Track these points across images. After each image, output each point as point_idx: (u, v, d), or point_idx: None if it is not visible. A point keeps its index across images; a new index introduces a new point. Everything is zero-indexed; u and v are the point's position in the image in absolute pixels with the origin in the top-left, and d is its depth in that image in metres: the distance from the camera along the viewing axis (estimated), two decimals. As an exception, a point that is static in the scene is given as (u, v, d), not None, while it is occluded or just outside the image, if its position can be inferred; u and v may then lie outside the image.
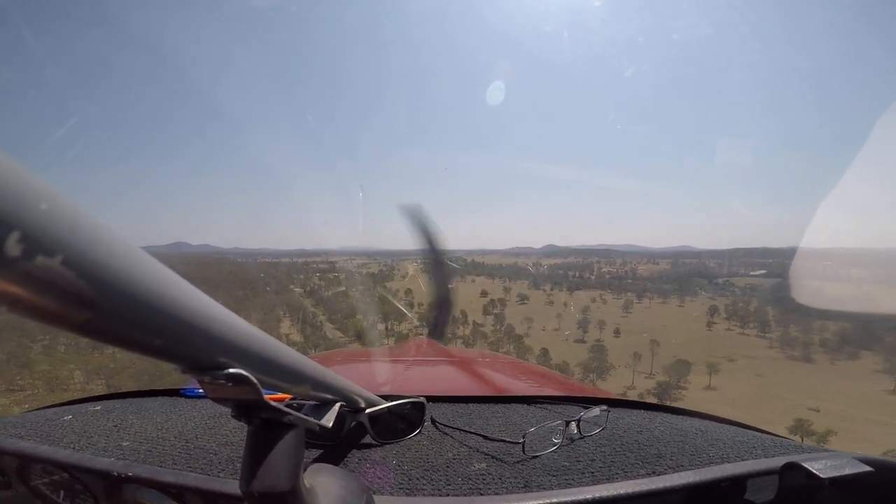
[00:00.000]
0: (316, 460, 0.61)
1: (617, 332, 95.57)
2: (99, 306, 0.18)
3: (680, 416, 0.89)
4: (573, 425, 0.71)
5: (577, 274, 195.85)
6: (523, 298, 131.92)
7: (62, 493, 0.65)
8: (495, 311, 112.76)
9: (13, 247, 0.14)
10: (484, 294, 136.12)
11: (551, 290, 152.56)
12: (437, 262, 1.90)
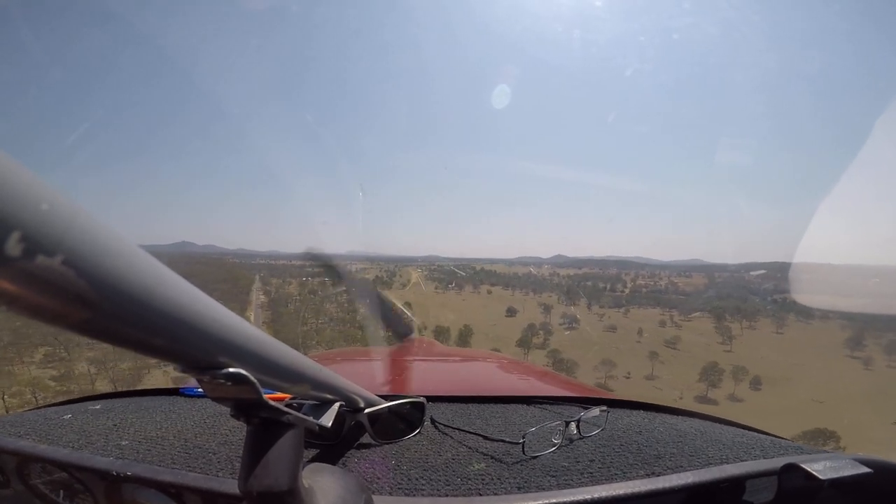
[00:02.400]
0: (315, 460, 0.59)
1: (756, 384, 58.71)
2: (99, 306, 0.17)
3: (679, 417, 0.86)
4: (573, 426, 0.69)
5: (609, 286, 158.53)
6: (570, 321, 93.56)
7: (61, 492, 0.63)
8: (538, 342, 75.08)
9: (14, 246, 0.14)
10: (511, 312, 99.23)
11: (590, 306, 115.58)
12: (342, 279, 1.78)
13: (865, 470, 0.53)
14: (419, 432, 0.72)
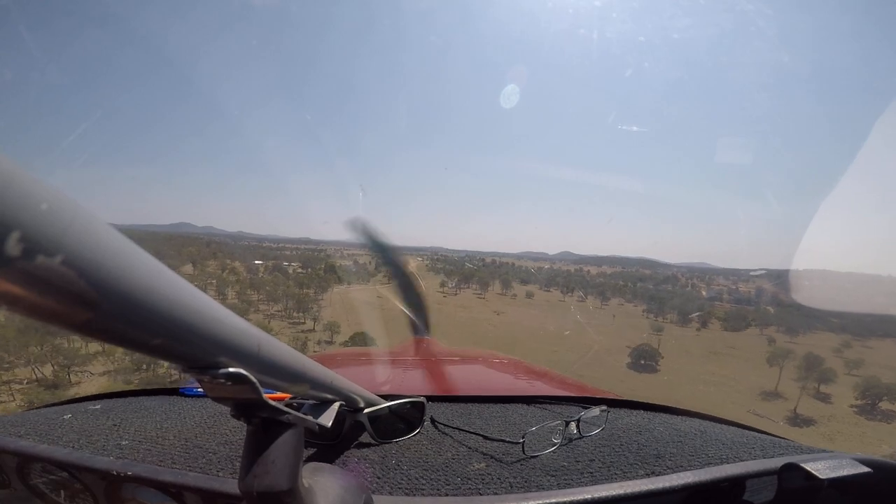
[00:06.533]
0: (315, 459, 0.56)
1: None
2: (99, 306, 0.17)
3: (679, 417, 0.83)
4: (573, 425, 0.67)
5: (670, 288, 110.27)
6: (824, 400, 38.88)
7: (61, 491, 0.60)
8: None
9: (14, 246, 0.13)
10: (641, 362, 50.22)
11: (703, 327, 68.55)
12: (392, 263, 1.83)
13: (865, 469, 0.52)
14: (419, 432, 0.69)
